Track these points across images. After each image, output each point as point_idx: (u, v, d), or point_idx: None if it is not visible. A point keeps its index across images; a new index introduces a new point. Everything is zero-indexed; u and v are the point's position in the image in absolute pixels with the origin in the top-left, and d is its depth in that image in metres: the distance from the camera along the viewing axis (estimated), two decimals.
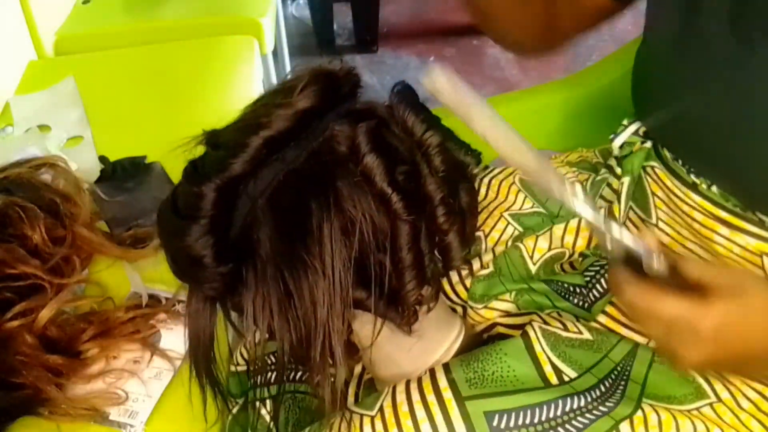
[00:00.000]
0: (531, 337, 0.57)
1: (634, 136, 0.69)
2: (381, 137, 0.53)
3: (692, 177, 0.61)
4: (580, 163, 0.79)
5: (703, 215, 0.60)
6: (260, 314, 0.50)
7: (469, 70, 2.27)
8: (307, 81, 0.52)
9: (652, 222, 0.66)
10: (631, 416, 0.53)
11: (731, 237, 0.59)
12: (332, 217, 0.50)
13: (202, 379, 0.57)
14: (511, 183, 0.76)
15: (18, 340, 0.70)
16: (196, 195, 0.50)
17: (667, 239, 0.64)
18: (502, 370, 0.55)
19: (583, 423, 0.53)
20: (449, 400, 0.54)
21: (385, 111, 0.56)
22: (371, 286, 0.53)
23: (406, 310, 0.55)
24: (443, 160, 0.56)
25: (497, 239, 0.71)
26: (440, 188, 0.55)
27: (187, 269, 0.53)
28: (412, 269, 0.53)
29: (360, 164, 0.51)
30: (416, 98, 0.59)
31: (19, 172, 0.87)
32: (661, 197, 0.65)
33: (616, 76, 0.92)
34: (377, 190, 0.51)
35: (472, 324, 0.66)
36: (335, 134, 0.52)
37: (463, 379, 0.55)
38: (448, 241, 0.57)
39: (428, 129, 0.56)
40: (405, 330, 0.56)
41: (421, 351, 0.59)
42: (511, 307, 0.65)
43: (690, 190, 0.62)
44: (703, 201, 0.60)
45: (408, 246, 0.53)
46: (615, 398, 0.54)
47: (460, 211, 0.57)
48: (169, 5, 1.56)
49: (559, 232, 0.69)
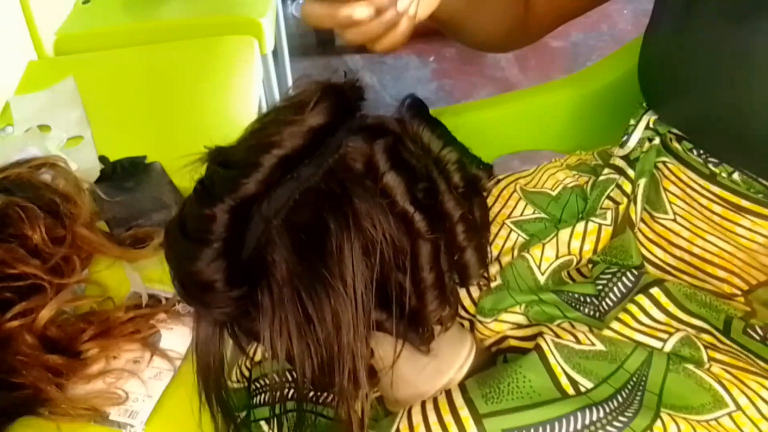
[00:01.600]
0: (544, 350, 0.56)
1: (645, 131, 0.69)
2: (398, 154, 0.52)
3: (710, 167, 0.61)
4: (579, 166, 0.79)
5: (722, 207, 0.60)
6: (278, 339, 0.49)
7: (469, 70, 2.27)
8: (318, 97, 0.51)
9: (669, 217, 0.65)
10: (651, 427, 0.52)
11: (753, 227, 0.58)
12: (352, 236, 0.48)
13: (213, 408, 0.55)
14: (513, 191, 0.76)
15: (18, 340, 0.70)
16: (208, 217, 0.49)
17: (686, 233, 0.64)
18: (517, 381, 0.55)
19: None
20: (466, 419, 0.53)
21: (397, 125, 0.55)
22: (392, 307, 0.51)
23: (426, 330, 0.55)
24: (462, 177, 0.55)
25: (501, 247, 0.71)
26: (459, 205, 0.54)
27: (196, 294, 0.51)
28: (433, 289, 0.52)
29: (380, 182, 0.50)
30: (427, 111, 0.58)
31: (19, 172, 0.86)
32: (674, 192, 0.65)
33: (616, 76, 0.92)
34: (399, 209, 0.50)
35: (481, 338, 0.66)
36: (350, 151, 0.51)
37: (479, 395, 0.54)
38: (466, 258, 0.56)
39: (446, 145, 0.56)
40: (423, 350, 0.55)
41: (435, 370, 0.58)
42: (522, 319, 0.64)
43: (708, 182, 0.61)
44: (723, 191, 0.60)
45: (429, 265, 0.52)
46: (633, 409, 0.53)
47: (476, 227, 0.57)
48: (169, 5, 1.56)
49: (566, 237, 0.69)
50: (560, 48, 2.33)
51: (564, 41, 2.35)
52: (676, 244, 0.65)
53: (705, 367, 0.56)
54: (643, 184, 0.67)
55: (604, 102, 0.93)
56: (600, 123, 0.91)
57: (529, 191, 0.75)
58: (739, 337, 0.58)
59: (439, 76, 2.25)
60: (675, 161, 0.65)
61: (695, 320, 0.59)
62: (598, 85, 0.95)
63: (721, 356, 0.56)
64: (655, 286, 0.59)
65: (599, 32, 2.32)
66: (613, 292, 0.62)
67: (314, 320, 0.48)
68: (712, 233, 0.62)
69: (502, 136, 0.98)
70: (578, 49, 2.30)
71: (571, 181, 0.76)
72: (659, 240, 0.66)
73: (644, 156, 0.68)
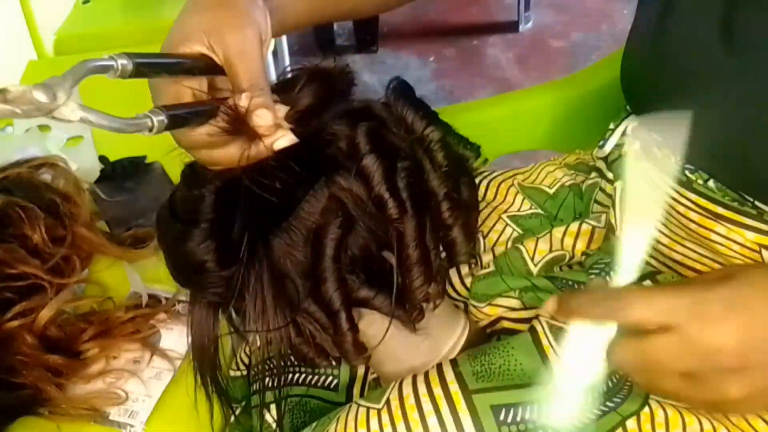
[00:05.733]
0: (538, 332, 0.57)
1: (622, 137, 0.69)
2: (381, 137, 0.53)
3: (687, 173, 0.61)
4: (578, 165, 0.79)
5: (699, 215, 0.60)
6: (259, 319, 0.50)
7: (469, 70, 2.27)
8: (305, 80, 0.52)
9: None
10: (638, 412, 0.53)
11: (729, 235, 0.59)
12: (331, 217, 0.50)
13: (208, 388, 0.56)
14: (510, 185, 0.76)
15: (18, 340, 0.70)
16: (196, 198, 0.50)
17: (666, 240, 0.64)
18: (509, 363, 0.55)
19: (589, 418, 0.53)
20: (456, 393, 0.54)
21: (383, 108, 0.56)
22: (378, 283, 0.53)
23: (413, 308, 0.55)
24: (445, 156, 0.56)
25: (495, 240, 0.71)
26: (443, 183, 0.55)
27: (189, 275, 0.52)
28: (419, 266, 0.53)
29: (358, 165, 0.51)
30: (413, 93, 0.58)
31: (19, 172, 0.86)
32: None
33: (616, 76, 0.92)
34: (375, 193, 0.51)
35: (475, 320, 0.66)
36: (334, 134, 0.52)
37: (470, 372, 0.55)
38: (453, 235, 0.57)
39: (428, 125, 0.56)
40: (411, 328, 0.56)
41: (428, 348, 0.59)
42: (516, 303, 0.65)
43: (685, 188, 0.61)
44: (699, 198, 0.60)
45: (414, 243, 0.52)
46: (622, 394, 0.54)
47: (463, 205, 0.57)
48: (169, 5, 1.56)
49: (559, 235, 0.69)
50: (560, 48, 2.34)
51: (564, 41, 2.35)
52: (658, 249, 0.65)
53: None
54: (620, 189, 0.66)
55: (604, 102, 0.93)
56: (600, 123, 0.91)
57: (526, 186, 0.75)
58: None
59: (439, 76, 2.25)
60: (653, 167, 0.65)
61: None
62: (597, 85, 0.95)
63: None
64: (647, 279, 0.60)
65: (599, 32, 2.32)
66: (606, 281, 0.63)
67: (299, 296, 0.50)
68: (690, 240, 0.62)
69: (502, 136, 0.98)
70: (578, 49, 2.30)
71: (568, 180, 0.76)
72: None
73: (623, 158, 0.68)
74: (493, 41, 2.40)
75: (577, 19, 2.42)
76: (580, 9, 2.47)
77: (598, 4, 2.45)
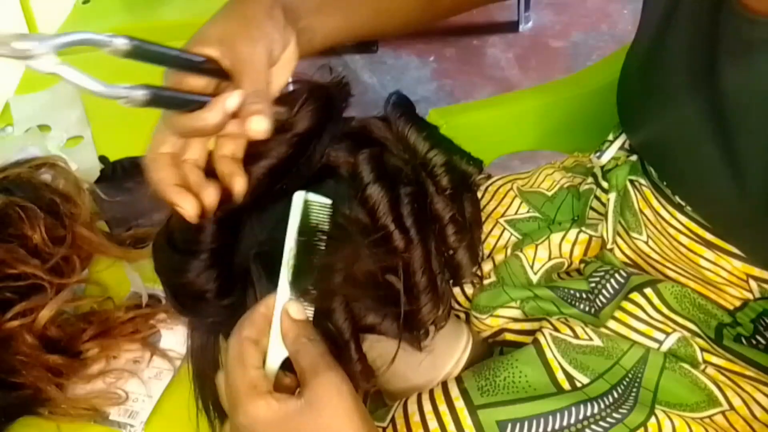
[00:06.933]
0: (542, 344, 0.57)
1: (620, 151, 0.69)
2: (383, 163, 0.52)
3: (677, 198, 0.60)
4: (576, 168, 0.79)
5: (689, 239, 0.59)
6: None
7: (469, 70, 2.27)
8: (303, 99, 0.51)
9: (642, 239, 0.65)
10: (645, 423, 0.53)
11: (717, 261, 0.58)
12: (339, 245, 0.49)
13: (210, 414, 0.56)
14: (509, 189, 0.76)
15: (18, 340, 0.70)
16: (195, 228, 0.48)
17: (657, 257, 0.64)
18: (513, 375, 0.55)
19: (596, 431, 0.52)
20: (461, 410, 0.53)
21: (383, 127, 0.55)
22: (386, 310, 0.52)
23: (420, 331, 0.55)
24: (450, 179, 0.55)
25: (493, 246, 0.71)
26: (448, 206, 0.54)
27: (189, 304, 0.52)
28: (427, 292, 0.53)
29: (362, 193, 0.50)
30: (413, 110, 0.57)
31: (19, 172, 0.86)
32: (648, 216, 0.64)
33: (616, 77, 0.92)
34: (380, 224, 0.50)
35: (477, 331, 0.66)
36: (334, 160, 0.51)
37: (474, 387, 0.54)
38: (458, 258, 0.56)
39: (432, 147, 0.55)
40: (417, 347, 0.55)
41: (431, 365, 0.59)
42: (518, 314, 0.64)
43: (676, 210, 0.60)
44: (689, 222, 0.59)
45: (421, 270, 0.52)
46: (628, 405, 0.54)
47: (467, 224, 0.56)
48: (169, 5, 1.56)
49: (557, 240, 0.69)
50: (560, 48, 2.33)
51: (564, 41, 2.35)
52: (651, 264, 0.65)
53: (700, 368, 0.56)
54: (613, 200, 0.66)
55: (603, 102, 0.92)
56: (600, 123, 0.91)
57: (525, 191, 0.75)
58: (731, 344, 0.58)
59: (439, 76, 2.25)
60: (649, 185, 0.64)
61: (688, 323, 0.59)
62: (597, 85, 0.95)
63: (717, 360, 0.57)
64: (648, 287, 0.60)
65: (599, 32, 2.32)
66: (606, 289, 0.63)
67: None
68: (680, 263, 0.62)
69: (502, 136, 0.98)
70: (578, 49, 2.30)
71: (567, 182, 0.76)
72: (636, 258, 0.66)
73: (617, 170, 0.67)
74: (493, 41, 2.39)
75: (577, 19, 2.42)
76: (580, 9, 2.46)
77: (598, 4, 2.45)
